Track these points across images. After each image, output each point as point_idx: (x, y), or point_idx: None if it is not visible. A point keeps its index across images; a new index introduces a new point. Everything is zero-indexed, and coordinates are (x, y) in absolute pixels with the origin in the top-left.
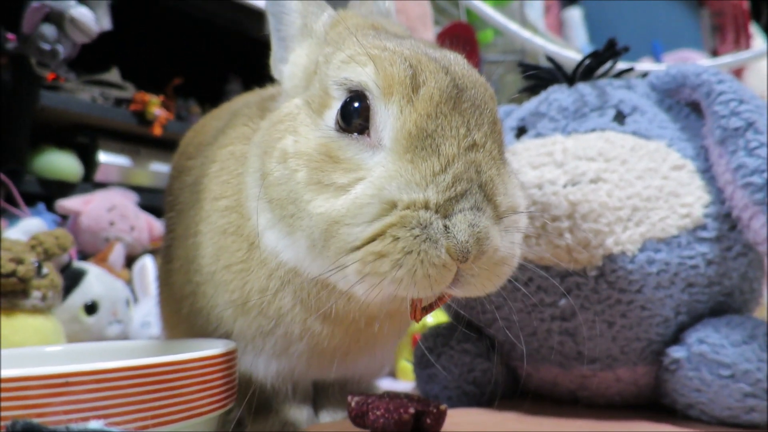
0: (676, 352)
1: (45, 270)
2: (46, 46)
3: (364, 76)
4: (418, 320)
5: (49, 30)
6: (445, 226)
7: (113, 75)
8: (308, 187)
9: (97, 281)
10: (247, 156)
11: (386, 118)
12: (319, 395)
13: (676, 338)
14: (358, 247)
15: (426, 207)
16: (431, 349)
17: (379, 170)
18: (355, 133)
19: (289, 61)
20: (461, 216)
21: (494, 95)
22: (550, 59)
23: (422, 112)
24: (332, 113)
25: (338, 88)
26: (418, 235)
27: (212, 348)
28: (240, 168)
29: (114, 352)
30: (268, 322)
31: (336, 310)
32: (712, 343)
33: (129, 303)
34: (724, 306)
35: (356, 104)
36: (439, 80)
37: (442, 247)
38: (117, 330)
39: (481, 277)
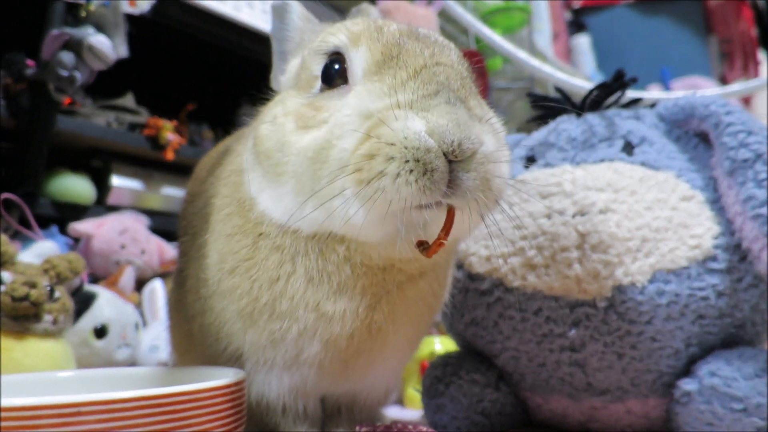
0: (687, 385)
1: (57, 294)
2: (64, 73)
3: (337, 39)
4: (430, 255)
5: (67, 57)
6: (424, 118)
7: (128, 100)
8: (295, 132)
9: (107, 305)
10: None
11: (357, 60)
12: (327, 425)
13: (687, 370)
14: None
15: (399, 107)
16: (440, 379)
17: (353, 95)
18: (336, 88)
19: (286, 71)
20: (437, 108)
21: (462, 57)
22: (558, 90)
23: (387, 42)
24: (317, 85)
25: (318, 58)
26: (397, 128)
27: (222, 377)
28: (239, 178)
29: (124, 379)
30: (280, 324)
31: (346, 276)
32: (724, 376)
33: (138, 327)
34: (735, 338)
35: (335, 66)
36: (402, 26)
37: (424, 132)
38: (125, 354)
39: (476, 179)
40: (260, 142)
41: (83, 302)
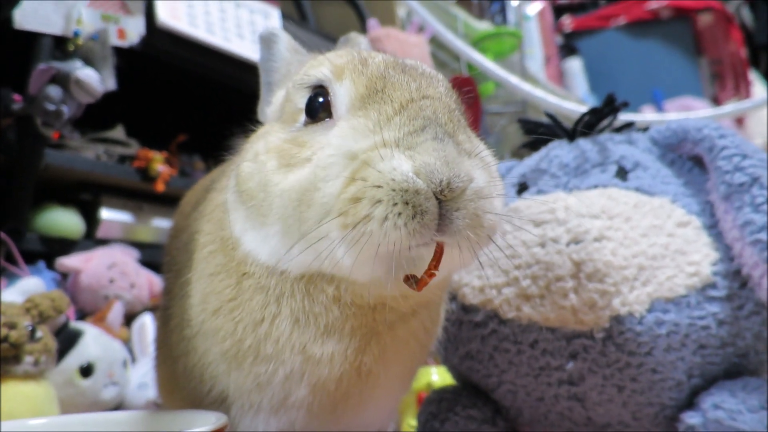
0: (690, 418)
1: (39, 333)
2: (51, 107)
3: (320, 72)
4: (420, 288)
5: (54, 91)
6: (410, 157)
7: (118, 132)
8: (278, 170)
9: (93, 342)
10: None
11: (341, 94)
12: None
13: (690, 402)
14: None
15: (385, 146)
16: (435, 415)
17: (336, 133)
18: (320, 122)
19: (271, 102)
20: (424, 145)
21: (450, 89)
22: (549, 115)
23: (372, 76)
24: (301, 119)
25: (302, 91)
26: (384, 170)
27: (204, 422)
28: (223, 214)
29: (102, 425)
30: (265, 368)
31: (334, 318)
32: (728, 409)
33: (126, 364)
34: (739, 367)
35: (319, 99)
36: (387, 58)
37: (411, 173)
38: (113, 392)
39: (467, 217)
40: (242, 182)
41: (68, 340)
